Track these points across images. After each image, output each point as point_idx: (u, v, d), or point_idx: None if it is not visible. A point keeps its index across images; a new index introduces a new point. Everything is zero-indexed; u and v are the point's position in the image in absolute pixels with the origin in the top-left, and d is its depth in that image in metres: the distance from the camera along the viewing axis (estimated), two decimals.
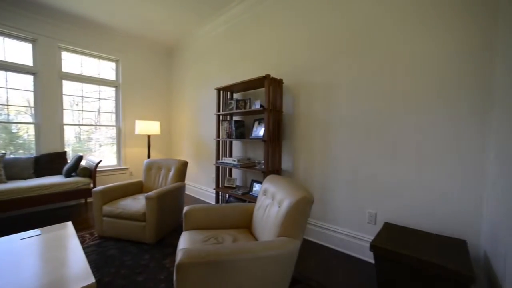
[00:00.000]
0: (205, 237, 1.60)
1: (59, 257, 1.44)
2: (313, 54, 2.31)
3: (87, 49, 3.65)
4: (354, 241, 2.06)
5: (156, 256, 2.04)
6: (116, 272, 1.82)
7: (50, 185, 2.70)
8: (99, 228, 2.33)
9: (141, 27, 3.66)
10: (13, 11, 3.00)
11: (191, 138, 4.06)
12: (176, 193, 2.47)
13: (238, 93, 3.06)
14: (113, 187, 2.45)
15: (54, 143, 3.37)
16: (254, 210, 1.77)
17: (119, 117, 4.06)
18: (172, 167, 2.71)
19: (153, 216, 2.15)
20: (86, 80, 3.73)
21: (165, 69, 4.58)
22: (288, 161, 2.53)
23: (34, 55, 3.24)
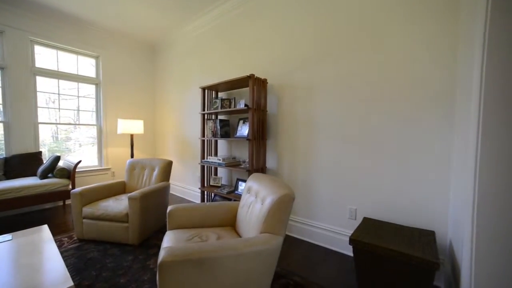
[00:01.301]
0: (189, 236, 1.60)
1: (34, 262, 1.39)
2: (296, 55, 2.37)
3: (64, 44, 3.48)
4: (336, 236, 2.15)
5: (139, 258, 2.01)
6: (97, 275, 1.78)
7: (22, 188, 2.56)
8: (78, 231, 2.25)
9: (123, 23, 3.55)
10: None
11: (176, 137, 4.01)
12: (160, 193, 2.43)
13: (223, 92, 3.06)
14: (94, 188, 2.38)
15: (27, 143, 3.19)
16: (238, 208, 1.80)
17: (100, 116, 3.91)
18: (156, 167, 2.67)
19: (136, 216, 2.11)
20: (63, 76, 3.55)
21: (148, 67, 4.46)
22: (273, 159, 2.58)
23: (3, 48, 3.04)
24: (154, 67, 4.54)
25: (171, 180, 4.12)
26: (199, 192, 3.37)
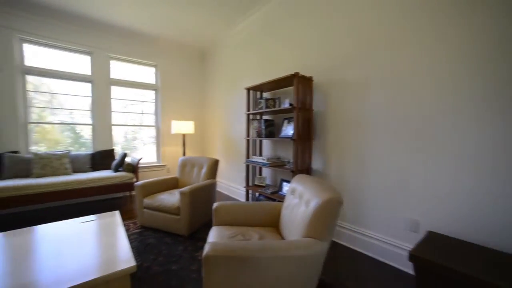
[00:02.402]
0: (233, 233, 1.65)
1: (108, 240, 1.63)
2: (346, 50, 2.20)
3: (130, 56, 4.04)
4: (390, 249, 1.91)
5: (188, 248, 2.17)
6: (154, 259, 1.99)
7: (102, 178, 3.07)
8: (140, 219, 2.56)
9: (176, 33, 3.91)
10: (73, 29, 3.48)
11: (223, 137, 4.21)
12: (207, 190, 2.58)
13: (267, 92, 3.07)
14: (152, 182, 2.68)
15: (105, 141, 3.81)
16: (282, 209, 1.76)
17: (158, 118, 4.41)
18: (204, 165, 2.84)
19: (186, 210, 2.29)
20: (131, 85, 4.13)
21: (198, 71, 4.82)
22: (319, 160, 2.46)
23: (92, 65, 3.71)
24: (203, 71, 4.88)
25: (218, 177, 4.34)
26: (244, 191, 3.46)
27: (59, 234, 1.71)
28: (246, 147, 2.97)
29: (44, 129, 3.48)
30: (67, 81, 3.58)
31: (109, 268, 1.31)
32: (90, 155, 3.50)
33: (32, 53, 3.32)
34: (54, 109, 3.54)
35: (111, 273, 1.27)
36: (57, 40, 3.40)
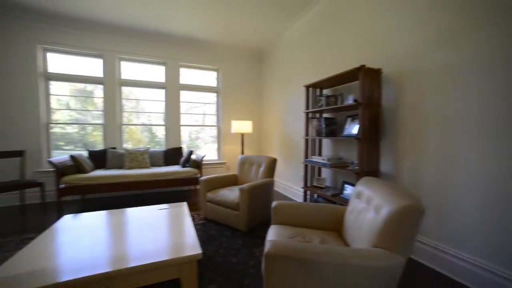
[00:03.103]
0: (292, 234, 1.61)
1: (179, 227, 1.83)
2: (426, 32, 1.86)
3: (196, 63, 4.47)
4: (488, 276, 1.51)
5: (247, 244, 2.24)
6: (216, 250, 2.13)
7: (173, 172, 3.49)
8: (204, 211, 2.79)
9: (236, 37, 4.12)
10: (150, 44, 4.08)
11: (280, 136, 4.21)
12: (265, 188, 2.62)
13: (328, 89, 2.90)
14: (214, 178, 2.89)
15: (175, 140, 4.34)
16: (346, 213, 1.62)
17: (219, 118, 4.74)
18: (263, 163, 2.89)
19: (245, 206, 2.37)
20: (196, 88, 4.58)
21: (256, 72, 4.96)
22: (388, 162, 2.17)
23: (166, 74, 4.28)
24: (260, 72, 4.99)
25: (275, 177, 4.36)
26: (301, 192, 3.37)
27: (141, 217, 2.02)
28: (305, 146, 2.88)
29: (131, 129, 4.20)
30: (147, 89, 4.25)
31: (180, 252, 1.46)
32: (163, 152, 4.03)
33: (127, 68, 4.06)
34: (137, 113, 4.24)
35: (182, 256, 1.42)
36: (140, 55, 4.06)
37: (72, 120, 3.88)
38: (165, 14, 3.34)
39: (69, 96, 3.87)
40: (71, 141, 3.90)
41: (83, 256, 1.40)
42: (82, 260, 1.36)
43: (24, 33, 3.42)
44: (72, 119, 3.89)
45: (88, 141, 3.98)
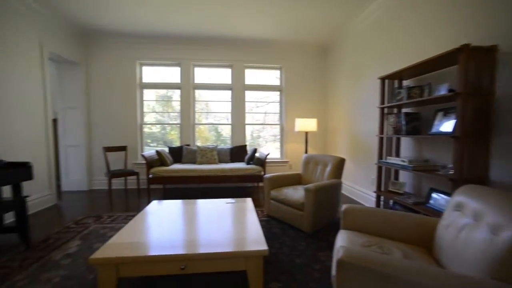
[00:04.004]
0: (366, 242, 1.43)
1: (246, 222, 1.90)
2: None
3: (259, 63, 4.57)
4: None
5: (311, 246, 2.14)
6: (279, 248, 2.12)
7: (238, 169, 3.69)
8: (267, 208, 2.83)
9: (298, 33, 3.99)
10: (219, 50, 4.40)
11: (347, 134, 3.88)
12: (332, 190, 2.45)
13: (409, 80, 2.48)
14: (278, 176, 2.89)
15: (240, 138, 4.57)
16: (439, 227, 1.33)
17: (282, 117, 4.73)
18: (329, 163, 2.72)
19: (310, 207, 2.27)
20: (259, 88, 4.71)
21: (320, 68, 4.71)
22: (502, 167, 1.67)
23: (232, 76, 4.56)
24: (325, 67, 4.71)
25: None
26: (372, 196, 3.02)
27: (211, 208, 2.19)
28: (379, 146, 2.55)
29: (200, 129, 4.68)
30: (215, 91, 4.64)
31: (247, 245, 1.51)
32: (229, 149, 4.31)
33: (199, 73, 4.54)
34: (207, 113, 4.68)
35: (250, 250, 1.46)
36: (210, 60, 4.45)
37: (156, 121, 4.62)
38: (232, 20, 3.54)
39: (154, 101, 4.63)
40: (155, 138, 4.67)
41: (166, 237, 1.62)
42: (165, 240, 1.57)
43: (128, 52, 4.25)
44: (156, 120, 4.63)
45: (167, 139, 4.67)
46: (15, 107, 2.87)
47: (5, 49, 2.75)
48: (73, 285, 1.60)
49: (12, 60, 2.85)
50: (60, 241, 2.23)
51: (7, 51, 2.78)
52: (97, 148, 4.24)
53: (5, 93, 2.75)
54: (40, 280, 1.66)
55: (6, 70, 2.77)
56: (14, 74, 2.87)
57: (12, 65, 2.84)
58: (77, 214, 2.97)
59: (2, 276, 1.70)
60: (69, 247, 2.11)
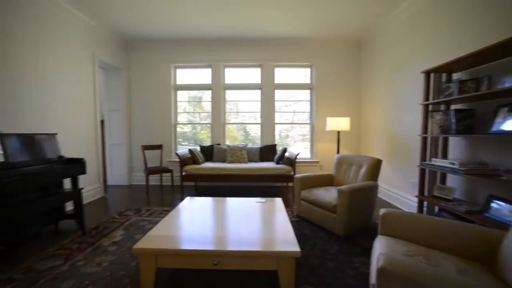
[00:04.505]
0: (409, 251, 1.32)
1: (277, 222, 1.89)
2: None
3: (289, 61, 4.50)
4: None
5: (344, 250, 2.05)
6: (310, 250, 2.06)
7: (268, 168, 3.68)
8: (297, 209, 2.78)
9: (330, 29, 3.84)
10: (249, 50, 4.43)
11: (383, 133, 3.62)
12: (368, 192, 2.31)
13: (460, 73, 2.21)
14: (309, 176, 2.82)
15: (269, 138, 4.56)
16: (505, 242, 1.16)
17: (312, 116, 4.60)
18: (364, 164, 2.57)
19: (343, 210, 2.17)
20: (289, 87, 4.64)
21: (354, 64, 4.47)
22: None
23: (261, 75, 4.57)
24: (359, 62, 4.45)
25: None
26: (412, 201, 2.78)
27: (242, 207, 2.21)
28: (422, 146, 2.33)
29: (228, 128, 4.77)
30: (244, 91, 4.70)
31: (279, 246, 1.49)
32: (259, 148, 4.32)
33: (230, 74, 4.64)
34: (237, 113, 4.75)
35: (282, 251, 1.44)
36: (240, 60, 4.51)
37: (188, 121, 4.84)
38: (262, 20, 3.54)
39: (186, 102, 4.85)
40: (186, 138, 4.90)
41: (200, 232, 1.68)
42: (199, 235, 1.63)
43: (164, 57, 4.52)
44: (188, 120, 4.86)
45: (198, 138, 4.87)
46: (72, 110, 3.26)
47: (67, 60, 3.13)
48: (119, 270, 1.76)
49: (72, 70, 3.25)
50: (107, 229, 2.47)
51: (69, 63, 3.16)
52: (136, 146, 4.58)
53: (66, 99, 3.13)
54: (94, 262, 1.87)
55: (68, 78, 3.15)
56: (73, 82, 3.26)
57: (71, 74, 3.22)
58: (120, 207, 3.25)
59: (67, 255, 1.98)
60: (114, 236, 2.32)
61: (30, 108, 2.65)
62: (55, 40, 2.96)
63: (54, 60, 2.96)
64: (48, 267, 1.80)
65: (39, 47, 2.74)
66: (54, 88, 2.97)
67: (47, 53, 2.86)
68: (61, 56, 3.07)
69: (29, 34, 2.62)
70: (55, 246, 2.14)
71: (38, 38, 2.73)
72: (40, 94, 2.77)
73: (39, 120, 2.75)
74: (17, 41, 2.49)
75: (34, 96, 2.70)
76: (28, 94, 2.64)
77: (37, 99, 2.73)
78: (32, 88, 2.67)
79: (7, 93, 2.42)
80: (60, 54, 3.06)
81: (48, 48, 2.87)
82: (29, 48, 2.61)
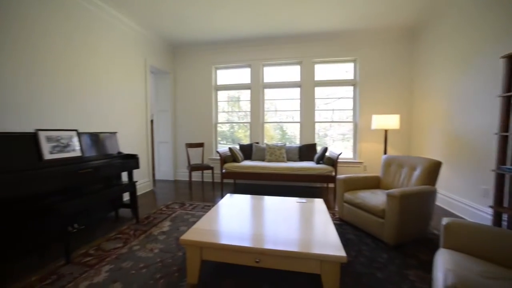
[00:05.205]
0: (485, 271, 1.11)
1: (319, 224, 1.80)
2: None
3: (330, 57, 4.27)
4: None
5: (395, 261, 1.85)
6: (356, 256, 1.92)
7: (308, 168, 3.56)
8: (340, 212, 2.62)
9: (376, 19, 3.52)
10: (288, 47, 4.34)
11: (442, 132, 3.18)
12: (423, 198, 2.05)
13: None
14: (353, 177, 2.63)
15: (308, 137, 4.41)
16: None
17: (355, 114, 4.30)
18: (418, 167, 2.28)
19: (394, 215, 1.96)
20: (330, 83, 4.41)
21: (405, 55, 4.02)
22: None
23: (301, 72, 4.44)
24: (411, 53, 3.98)
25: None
26: (482, 211, 2.37)
27: (281, 206, 2.17)
28: (499, 147, 1.96)
29: (266, 127, 4.75)
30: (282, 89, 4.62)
31: (323, 249, 1.41)
32: (298, 147, 4.22)
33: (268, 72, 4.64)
34: (276, 111, 4.71)
35: (325, 254, 1.36)
36: (279, 58, 4.45)
37: (228, 120, 4.98)
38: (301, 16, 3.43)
39: (226, 101, 5.00)
40: (224, 136, 5.04)
41: (241, 229, 1.70)
42: (241, 232, 1.65)
43: (206, 58, 4.74)
44: (226, 119, 5.00)
45: (235, 137, 4.97)
46: (128, 111, 3.64)
47: (124, 67, 3.52)
48: (168, 258, 1.90)
49: (128, 75, 3.63)
50: (156, 220, 2.69)
51: (125, 69, 3.55)
52: (180, 144, 4.91)
53: (123, 101, 3.52)
54: (146, 248, 2.06)
55: (124, 83, 3.54)
56: (128, 86, 3.65)
57: (127, 79, 3.61)
58: (166, 200, 3.52)
59: (125, 239, 2.24)
60: (163, 226, 2.51)
61: (94, 110, 3.04)
62: (113, 50, 3.34)
63: (113, 67, 3.35)
64: (112, 248, 2.06)
65: (99, 56, 3.12)
66: (114, 92, 3.36)
67: (107, 61, 3.25)
68: (119, 64, 3.45)
69: (91, 44, 2.98)
70: (116, 230, 2.43)
71: (98, 48, 3.10)
72: (102, 97, 3.17)
73: (102, 120, 3.15)
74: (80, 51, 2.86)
75: (97, 99, 3.10)
76: (93, 98, 3.03)
77: (99, 102, 3.13)
78: (95, 92, 3.07)
79: (78, 97, 2.82)
80: (118, 62, 3.44)
81: (107, 57, 3.25)
82: (87, 56, 2.96)
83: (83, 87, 2.88)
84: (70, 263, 1.83)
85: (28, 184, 1.69)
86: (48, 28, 2.44)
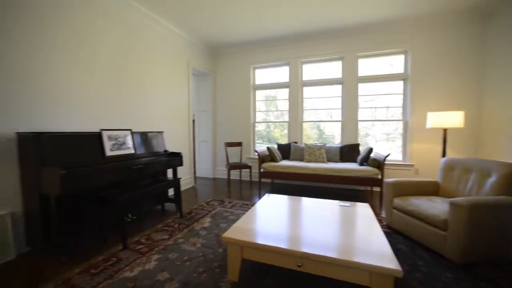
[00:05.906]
0: None
1: (366, 230, 1.66)
2: None
3: (376, 50, 3.92)
4: None
5: (464, 283, 1.59)
6: (410, 271, 1.71)
7: (350, 170, 3.33)
8: (388, 218, 2.38)
9: (429, 2, 3.08)
10: (327, 43, 4.12)
11: None
12: (502, 211, 1.71)
13: None
14: (404, 182, 2.36)
15: (351, 136, 4.13)
16: None
17: (406, 111, 3.88)
18: (494, 172, 1.93)
19: (460, 229, 1.69)
20: (376, 79, 4.04)
21: (469, 43, 3.45)
22: None
23: (343, 68, 4.19)
24: (479, 40, 3.40)
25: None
26: None
27: (323, 209, 2.06)
28: None
29: (303, 126, 4.59)
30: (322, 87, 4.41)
31: (372, 259, 1.28)
32: (339, 148, 3.98)
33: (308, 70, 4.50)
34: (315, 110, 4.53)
35: (376, 265, 1.23)
36: (319, 55, 4.27)
37: (264, 120, 4.97)
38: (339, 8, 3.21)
39: (264, 101, 4.99)
40: (260, 136, 5.04)
41: (282, 230, 1.65)
42: (282, 233, 1.60)
43: (244, 59, 4.82)
44: (263, 119, 4.99)
45: (272, 136, 4.94)
46: (173, 112, 3.91)
47: (170, 71, 3.79)
48: (209, 253, 1.96)
49: (173, 78, 3.90)
50: (198, 215, 2.82)
51: (171, 72, 3.82)
52: (220, 143, 5.08)
53: (168, 102, 3.80)
54: (189, 242, 2.17)
55: (170, 85, 3.81)
56: (173, 88, 3.91)
57: (172, 82, 3.88)
58: (206, 196, 3.67)
59: (171, 232, 2.40)
60: (204, 222, 2.62)
61: (142, 110, 3.32)
62: (162, 56, 3.62)
63: (161, 72, 3.63)
64: (160, 239, 2.22)
65: (151, 63, 3.41)
66: (161, 93, 3.64)
67: (158, 67, 3.53)
68: (166, 69, 3.73)
69: (146, 54, 3.29)
70: (162, 222, 2.61)
71: (151, 57, 3.39)
72: (150, 99, 3.45)
73: (148, 120, 3.43)
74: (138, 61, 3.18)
75: (145, 101, 3.39)
76: (142, 99, 3.33)
77: (147, 103, 3.41)
78: (145, 94, 3.36)
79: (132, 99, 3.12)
80: (166, 67, 3.71)
81: (157, 63, 3.53)
82: (145, 65, 3.28)
83: (137, 90, 3.18)
84: (126, 248, 2.04)
85: (97, 177, 1.96)
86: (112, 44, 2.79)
